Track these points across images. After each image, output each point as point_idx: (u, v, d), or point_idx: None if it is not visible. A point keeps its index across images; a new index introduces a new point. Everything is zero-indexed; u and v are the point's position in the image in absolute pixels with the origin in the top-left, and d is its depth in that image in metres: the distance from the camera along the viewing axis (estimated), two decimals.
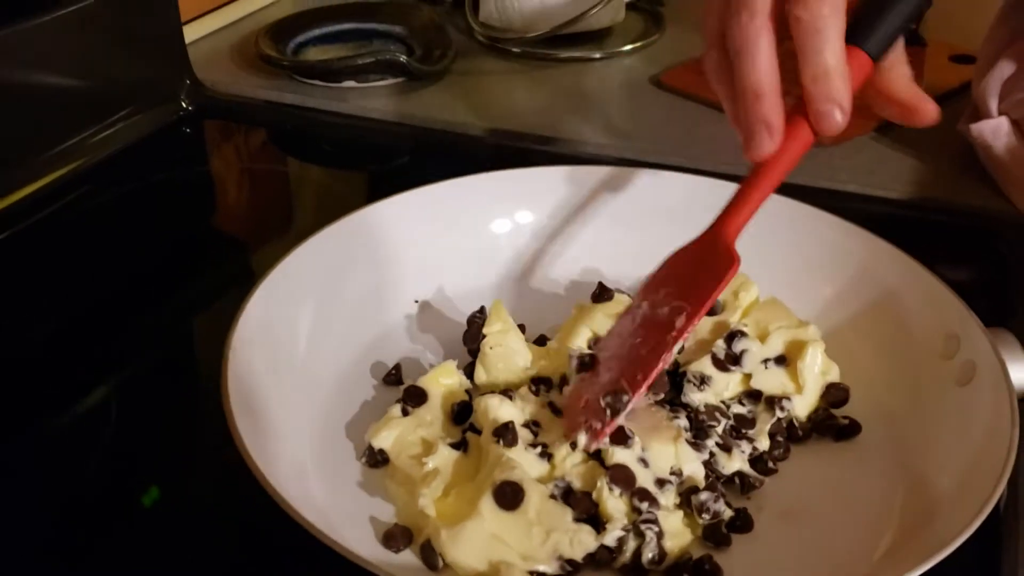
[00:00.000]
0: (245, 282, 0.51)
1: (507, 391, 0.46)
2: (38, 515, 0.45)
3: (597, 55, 0.87)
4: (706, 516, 0.41)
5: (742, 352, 0.47)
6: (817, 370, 0.47)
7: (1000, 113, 0.64)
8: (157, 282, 0.63)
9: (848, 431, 0.46)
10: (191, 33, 0.85)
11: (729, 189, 0.57)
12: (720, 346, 0.47)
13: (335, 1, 0.92)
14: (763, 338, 0.48)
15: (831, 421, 0.46)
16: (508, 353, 0.47)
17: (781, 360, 0.47)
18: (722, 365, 0.47)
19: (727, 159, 0.69)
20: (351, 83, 0.81)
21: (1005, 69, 0.64)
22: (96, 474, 0.48)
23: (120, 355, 0.56)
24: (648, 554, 0.39)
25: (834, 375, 0.47)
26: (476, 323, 0.49)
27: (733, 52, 0.43)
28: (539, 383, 0.46)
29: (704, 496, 0.41)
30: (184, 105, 0.79)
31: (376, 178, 0.79)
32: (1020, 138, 0.63)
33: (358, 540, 0.40)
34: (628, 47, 0.88)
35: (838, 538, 0.41)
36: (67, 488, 0.47)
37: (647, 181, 0.58)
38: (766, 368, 0.47)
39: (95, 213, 0.70)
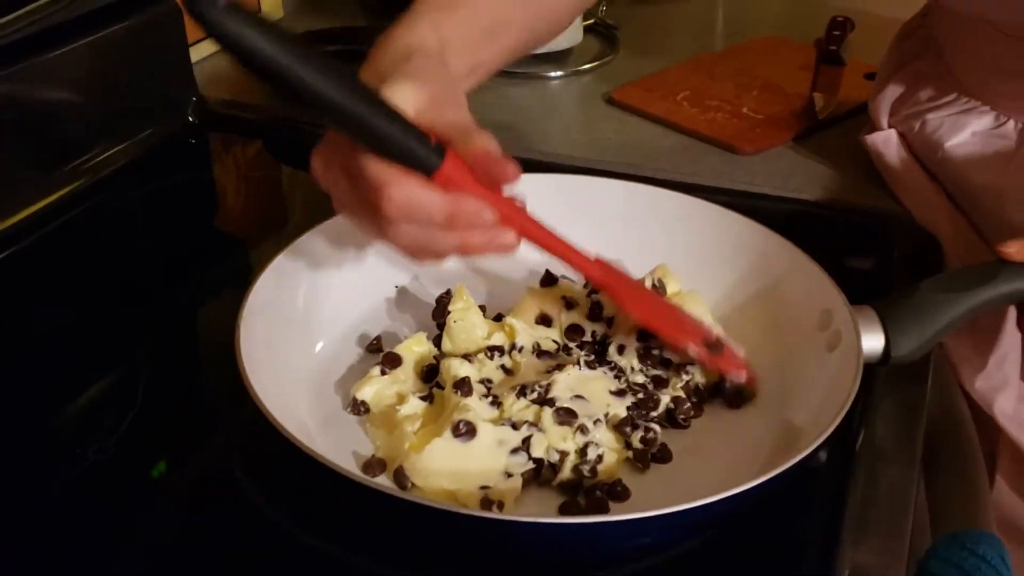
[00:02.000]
0: (244, 275, 0.60)
1: (467, 356, 0.57)
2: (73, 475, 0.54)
3: (558, 73, 0.97)
4: (639, 439, 0.51)
5: None
6: None
7: (890, 127, 0.75)
8: (168, 275, 0.72)
9: (739, 397, 0.57)
10: (196, 53, 0.95)
11: (661, 195, 0.68)
12: None
13: (327, 25, 1.02)
14: None
15: (725, 386, 0.57)
16: (469, 327, 0.58)
17: None
18: (641, 336, 0.57)
19: (663, 166, 0.80)
20: None
21: (895, 90, 0.75)
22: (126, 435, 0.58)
23: (137, 339, 0.65)
24: (586, 468, 0.49)
25: None
26: (443, 302, 0.59)
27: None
28: (493, 350, 0.57)
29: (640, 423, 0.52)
30: (190, 119, 0.89)
31: None
32: (906, 148, 0.74)
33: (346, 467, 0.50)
34: (586, 66, 0.98)
35: (724, 465, 0.52)
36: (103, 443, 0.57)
37: (590, 186, 0.68)
38: None
39: (113, 216, 0.79)
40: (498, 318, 0.61)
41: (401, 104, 0.47)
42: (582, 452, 0.50)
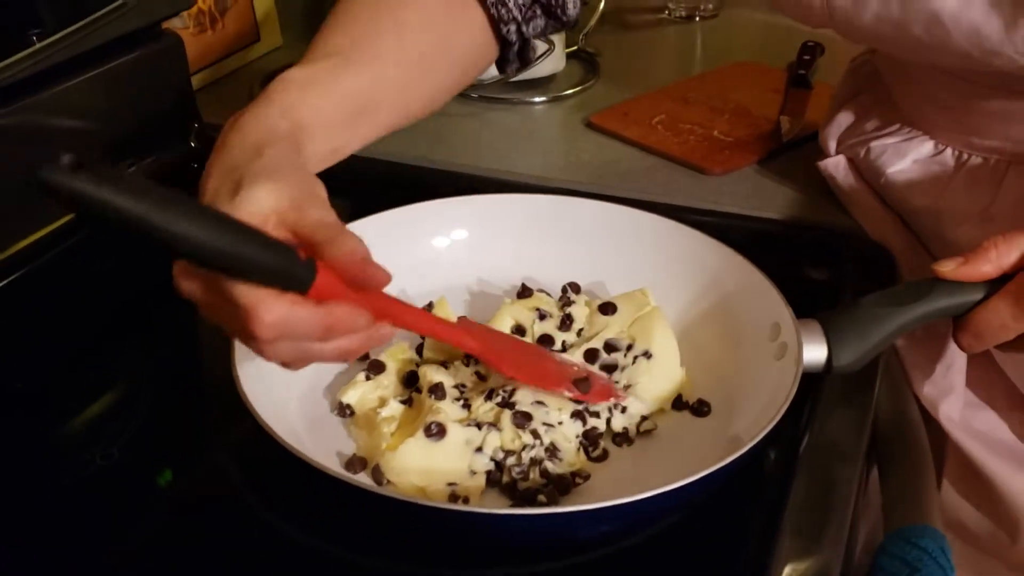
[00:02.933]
0: None
1: (444, 362, 0.61)
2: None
3: (541, 99, 1.02)
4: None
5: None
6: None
7: (838, 154, 0.80)
8: (172, 292, 0.77)
9: (697, 410, 0.62)
10: (199, 81, 1.00)
11: (626, 213, 0.73)
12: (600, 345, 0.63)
13: None
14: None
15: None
16: None
17: (648, 355, 0.63)
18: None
19: (636, 187, 0.85)
20: None
21: (843, 120, 0.80)
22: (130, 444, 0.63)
23: (141, 353, 0.70)
24: (517, 471, 0.55)
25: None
26: None
27: None
28: (470, 358, 0.62)
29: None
30: (193, 145, 0.94)
31: (354, 204, 0.94)
32: (855, 173, 0.79)
33: (329, 465, 0.55)
34: (568, 92, 1.03)
35: (675, 466, 0.55)
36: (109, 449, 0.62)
37: (560, 205, 0.73)
38: (634, 363, 0.62)
39: (119, 238, 0.84)
40: None
41: (260, 210, 0.46)
42: (521, 455, 0.55)
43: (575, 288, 0.69)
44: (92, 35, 0.80)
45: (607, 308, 0.66)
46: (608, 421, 0.60)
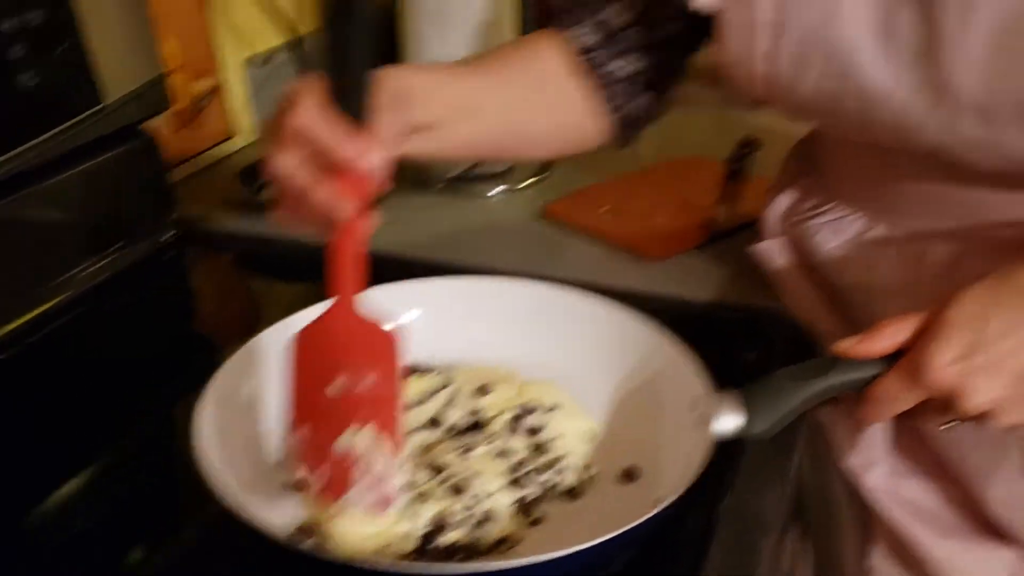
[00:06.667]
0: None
1: None
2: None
3: (500, 188, 1.09)
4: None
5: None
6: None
7: (779, 235, 0.85)
8: (148, 374, 0.81)
9: (628, 477, 0.67)
10: (178, 174, 1.07)
11: (565, 296, 0.78)
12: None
13: None
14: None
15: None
16: None
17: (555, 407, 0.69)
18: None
19: (582, 273, 0.90)
20: None
21: (783, 202, 0.85)
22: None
23: (120, 432, 0.75)
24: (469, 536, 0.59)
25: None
26: None
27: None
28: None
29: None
30: (169, 235, 1.00)
31: (321, 290, 0.99)
32: (789, 255, 0.83)
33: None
34: (525, 183, 1.10)
35: (600, 528, 0.59)
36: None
37: (506, 287, 0.79)
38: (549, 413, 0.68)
39: (98, 324, 0.88)
40: None
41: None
42: (463, 521, 0.60)
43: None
44: (73, 136, 0.86)
45: (483, 390, 0.71)
46: (555, 486, 0.64)
